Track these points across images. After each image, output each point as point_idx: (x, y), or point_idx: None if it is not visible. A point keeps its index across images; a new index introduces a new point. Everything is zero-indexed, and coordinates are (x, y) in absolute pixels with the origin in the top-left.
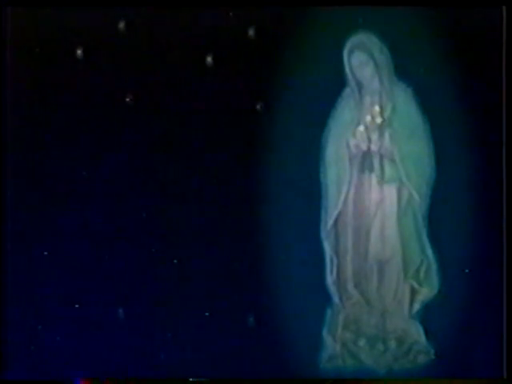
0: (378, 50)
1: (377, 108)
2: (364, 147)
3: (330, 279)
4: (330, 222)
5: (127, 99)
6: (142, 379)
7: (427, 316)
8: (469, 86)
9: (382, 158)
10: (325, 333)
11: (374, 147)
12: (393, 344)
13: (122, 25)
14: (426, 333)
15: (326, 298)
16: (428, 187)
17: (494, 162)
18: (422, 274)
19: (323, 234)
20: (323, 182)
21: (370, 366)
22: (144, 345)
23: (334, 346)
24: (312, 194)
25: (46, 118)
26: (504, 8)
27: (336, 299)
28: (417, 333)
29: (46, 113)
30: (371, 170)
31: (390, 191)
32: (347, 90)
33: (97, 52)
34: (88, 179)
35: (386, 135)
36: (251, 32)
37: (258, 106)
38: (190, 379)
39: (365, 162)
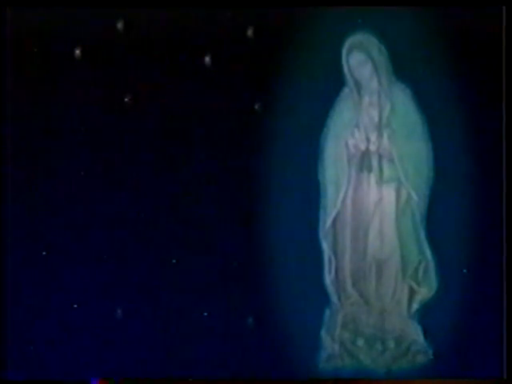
0: (376, 50)
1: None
2: (362, 147)
3: (328, 279)
4: (329, 221)
5: (126, 99)
6: (141, 379)
7: (426, 316)
8: (468, 86)
9: (380, 157)
10: (323, 332)
11: (372, 147)
12: (391, 344)
13: (120, 25)
14: (425, 333)
15: (325, 298)
16: (426, 187)
17: (493, 162)
18: (420, 274)
19: (321, 234)
20: (322, 182)
21: (368, 366)
22: (142, 344)
23: (333, 346)
24: (310, 193)
25: (45, 117)
26: (504, 8)
27: (334, 299)
28: (415, 333)
29: (46, 112)
30: (370, 169)
31: (389, 191)
32: (346, 90)
33: (96, 52)
34: (86, 179)
35: (385, 135)
36: (250, 32)
37: (257, 106)
38: (190, 379)
39: (363, 161)
